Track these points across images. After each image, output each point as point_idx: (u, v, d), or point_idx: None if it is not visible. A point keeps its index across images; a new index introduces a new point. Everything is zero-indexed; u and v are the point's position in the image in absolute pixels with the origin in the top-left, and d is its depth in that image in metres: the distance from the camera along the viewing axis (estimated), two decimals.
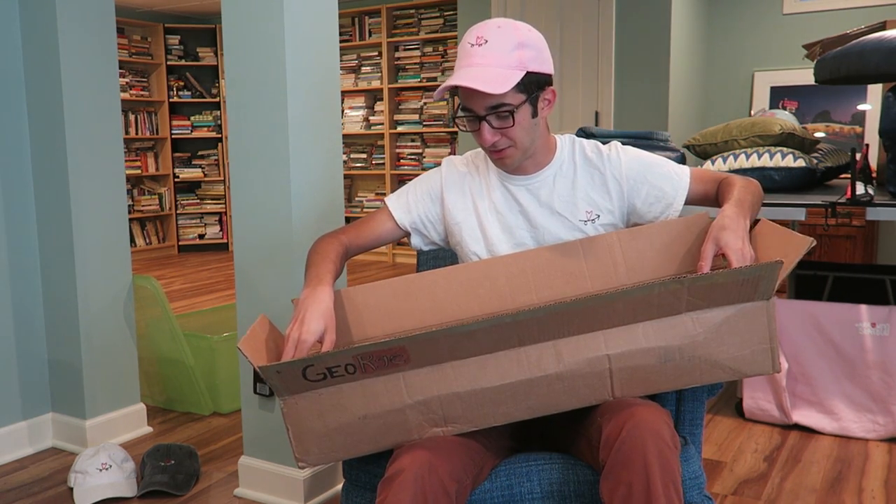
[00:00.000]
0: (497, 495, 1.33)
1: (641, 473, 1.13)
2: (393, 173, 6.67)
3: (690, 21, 4.97)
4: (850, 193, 2.43)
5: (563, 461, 1.34)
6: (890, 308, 2.56)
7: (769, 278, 1.15)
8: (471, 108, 1.38)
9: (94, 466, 2.22)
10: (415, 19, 6.46)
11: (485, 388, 1.20)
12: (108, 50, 2.61)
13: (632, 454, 1.14)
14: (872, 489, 2.24)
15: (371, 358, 1.14)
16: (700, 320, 1.18)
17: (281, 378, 1.16)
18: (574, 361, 1.19)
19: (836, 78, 2.62)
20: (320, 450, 1.23)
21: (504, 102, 1.36)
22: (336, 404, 1.20)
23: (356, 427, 1.21)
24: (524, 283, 1.42)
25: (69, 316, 2.57)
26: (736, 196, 1.38)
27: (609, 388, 1.21)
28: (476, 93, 1.35)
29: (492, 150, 1.43)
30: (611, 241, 1.42)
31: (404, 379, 1.19)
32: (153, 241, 7.16)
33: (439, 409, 1.21)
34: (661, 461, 1.14)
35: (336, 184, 2.21)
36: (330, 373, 1.16)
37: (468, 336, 1.15)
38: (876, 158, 3.33)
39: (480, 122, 1.38)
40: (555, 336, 1.18)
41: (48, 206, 2.57)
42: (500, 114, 1.37)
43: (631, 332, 1.18)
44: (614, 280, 1.41)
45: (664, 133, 3.05)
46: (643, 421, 1.16)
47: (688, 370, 1.21)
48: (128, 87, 6.90)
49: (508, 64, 1.34)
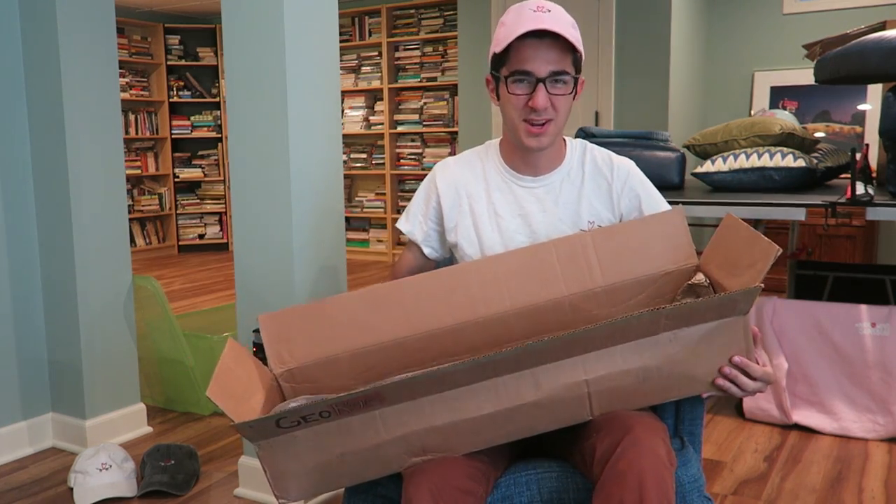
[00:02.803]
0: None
1: (635, 492, 1.12)
2: (393, 173, 6.67)
3: (690, 21, 4.97)
4: (850, 193, 2.42)
5: (562, 470, 1.33)
6: (890, 308, 2.56)
7: (748, 300, 1.15)
8: (531, 70, 1.37)
9: (94, 466, 2.22)
10: (415, 19, 6.46)
11: (463, 420, 1.18)
12: (108, 50, 2.61)
13: (627, 472, 1.13)
14: (872, 489, 2.24)
15: (345, 404, 1.12)
16: (678, 338, 1.17)
17: (254, 430, 1.14)
18: (552, 388, 1.17)
19: (836, 78, 2.62)
20: (300, 487, 1.21)
21: (565, 70, 1.38)
22: (312, 445, 1.17)
23: (334, 464, 1.20)
24: (497, 290, 1.38)
25: (69, 316, 2.57)
26: None
27: (588, 408, 1.21)
28: (543, 51, 1.35)
29: (533, 122, 1.40)
30: (585, 241, 1.39)
31: (381, 416, 1.17)
32: (153, 241, 7.16)
33: (417, 442, 1.19)
34: (656, 480, 1.13)
35: (336, 184, 2.21)
36: (304, 420, 1.14)
37: (444, 374, 1.13)
38: (876, 158, 3.33)
39: (537, 84, 1.37)
40: (532, 365, 1.16)
41: (48, 207, 2.57)
42: (559, 79, 1.38)
43: (609, 356, 1.17)
44: (590, 282, 1.38)
45: (664, 133, 3.05)
46: (639, 439, 1.15)
47: (666, 387, 1.21)
48: (128, 87, 6.90)
49: (572, 36, 1.38)
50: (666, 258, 1.38)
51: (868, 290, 3.10)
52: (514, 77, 1.39)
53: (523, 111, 1.40)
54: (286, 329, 1.39)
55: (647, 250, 1.38)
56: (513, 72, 1.39)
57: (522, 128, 1.42)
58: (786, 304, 2.70)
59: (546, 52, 1.36)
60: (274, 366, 1.39)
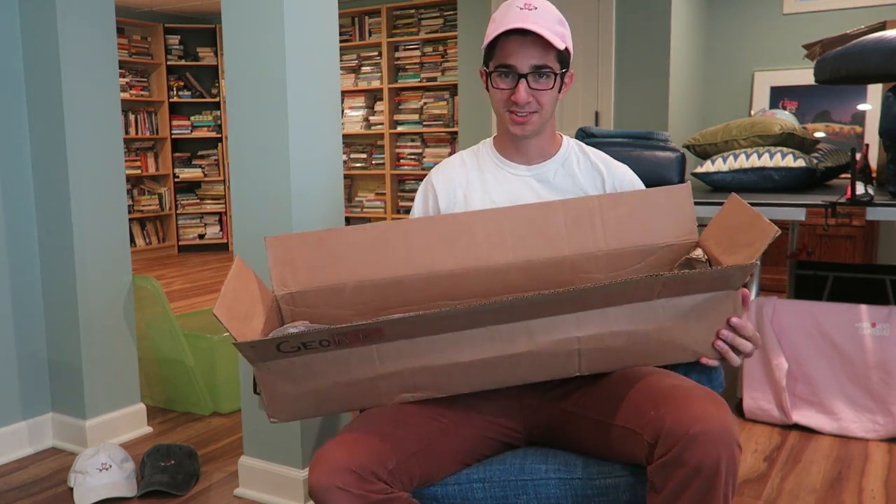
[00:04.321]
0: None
1: (712, 468, 1.10)
2: (393, 173, 6.67)
3: (690, 21, 4.97)
4: (850, 193, 2.43)
5: (560, 476, 1.32)
6: (890, 308, 2.56)
7: (742, 275, 1.18)
8: (513, 64, 1.42)
9: (94, 466, 2.22)
10: (415, 19, 6.46)
11: (457, 363, 1.21)
12: (108, 50, 2.61)
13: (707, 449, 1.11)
14: (872, 489, 2.24)
15: (345, 334, 1.15)
16: (670, 306, 1.21)
17: (255, 351, 1.18)
18: (544, 341, 1.21)
19: (836, 78, 2.62)
20: (292, 410, 1.26)
21: (548, 64, 1.42)
22: (308, 372, 1.21)
23: (329, 392, 1.23)
24: (501, 242, 1.41)
25: (69, 316, 2.57)
26: None
27: (576, 365, 1.24)
28: (525, 47, 1.40)
29: (517, 113, 1.45)
30: (592, 205, 1.41)
31: (377, 351, 1.20)
32: (153, 241, 7.16)
33: (411, 379, 1.23)
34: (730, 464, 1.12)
35: (336, 184, 2.21)
36: (304, 346, 1.17)
37: (444, 317, 1.16)
38: (876, 158, 3.33)
39: (519, 79, 1.42)
40: (527, 317, 1.20)
41: (48, 206, 2.57)
42: (541, 73, 1.42)
43: (603, 316, 1.20)
44: (592, 245, 1.40)
45: (664, 133, 3.04)
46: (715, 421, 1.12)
47: (653, 352, 1.25)
48: (128, 87, 6.90)
49: (556, 32, 1.41)
50: (668, 231, 1.42)
51: (868, 290, 3.10)
52: (498, 71, 1.44)
53: (507, 103, 1.46)
54: (291, 253, 1.42)
55: (651, 221, 1.41)
56: (497, 66, 1.44)
57: (507, 117, 1.47)
58: (786, 304, 2.70)
59: (529, 48, 1.40)
60: (276, 287, 1.42)
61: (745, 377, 2.74)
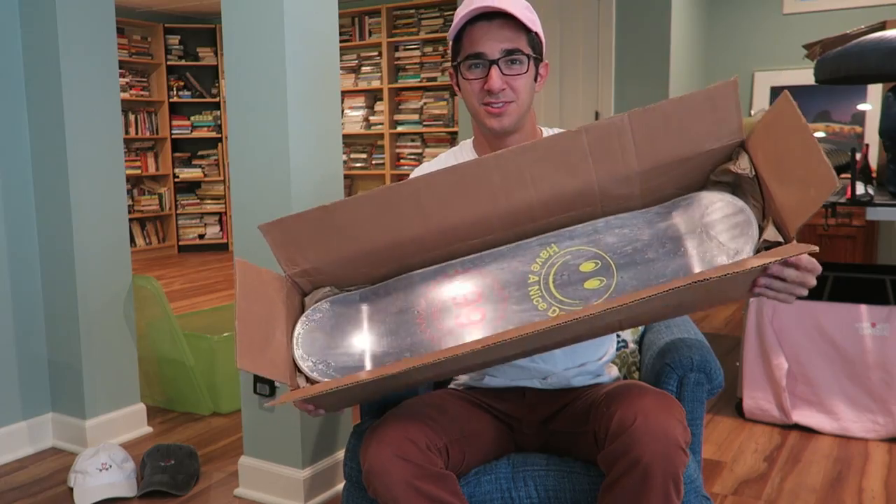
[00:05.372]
0: (496, 497, 1.34)
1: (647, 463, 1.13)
2: (393, 173, 6.67)
3: (690, 21, 4.97)
4: (850, 193, 2.43)
5: (560, 469, 1.35)
6: (890, 308, 2.56)
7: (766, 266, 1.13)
8: (482, 51, 1.35)
9: (94, 466, 2.22)
10: (415, 19, 6.46)
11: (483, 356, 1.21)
12: (108, 50, 2.61)
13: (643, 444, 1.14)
14: (872, 489, 2.24)
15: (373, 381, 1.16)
16: (698, 286, 1.10)
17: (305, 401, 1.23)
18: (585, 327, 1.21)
19: (836, 78, 2.62)
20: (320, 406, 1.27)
21: (519, 48, 1.36)
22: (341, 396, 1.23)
23: (361, 393, 1.27)
24: (519, 179, 1.27)
25: (69, 316, 2.57)
26: None
27: (618, 323, 1.25)
28: (493, 31, 1.34)
29: (492, 104, 1.37)
30: (621, 123, 1.23)
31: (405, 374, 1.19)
32: (153, 241, 7.16)
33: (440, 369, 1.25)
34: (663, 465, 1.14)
35: (336, 184, 2.21)
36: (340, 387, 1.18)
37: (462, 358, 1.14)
38: (876, 158, 3.34)
39: (490, 66, 1.35)
40: (545, 341, 1.19)
41: (48, 206, 2.57)
42: (514, 59, 1.36)
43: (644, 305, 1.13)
44: (623, 167, 1.25)
45: None
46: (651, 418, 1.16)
47: (697, 306, 1.30)
48: (128, 87, 6.90)
49: (525, 16, 1.36)
50: (709, 134, 1.24)
51: (868, 290, 3.09)
52: (468, 61, 1.37)
53: (480, 94, 1.38)
54: (291, 234, 1.34)
55: (692, 130, 1.24)
56: (466, 56, 1.37)
57: (482, 111, 1.39)
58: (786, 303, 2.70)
59: (497, 31, 1.34)
60: (287, 268, 1.36)
61: (745, 377, 2.74)
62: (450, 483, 1.22)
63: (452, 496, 1.21)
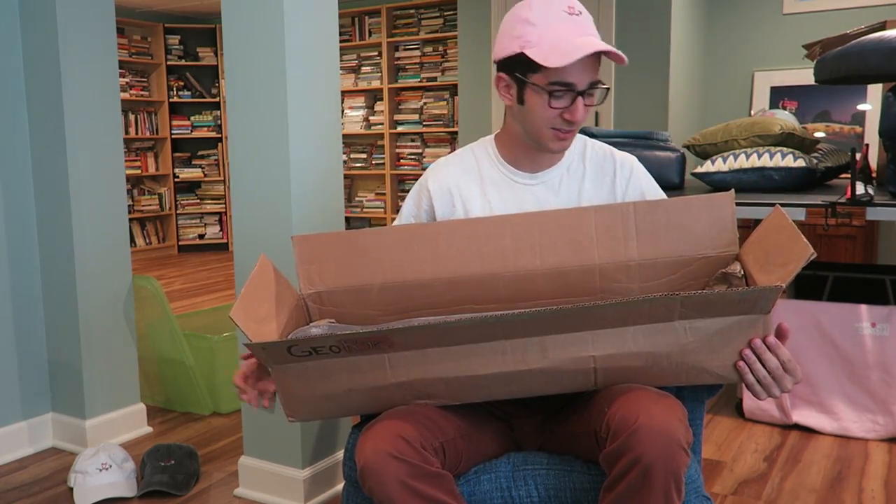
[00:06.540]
0: (496, 496, 1.34)
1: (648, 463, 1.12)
2: (393, 173, 6.67)
3: (690, 21, 4.97)
4: (850, 193, 2.43)
5: (561, 467, 1.34)
6: (890, 308, 2.56)
7: (768, 298, 1.13)
8: (572, 81, 1.33)
9: (94, 466, 2.22)
10: (415, 19, 6.46)
11: (467, 376, 1.20)
12: (108, 50, 2.61)
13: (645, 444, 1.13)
14: (872, 489, 2.24)
15: (354, 342, 1.15)
16: (693, 329, 1.16)
17: (266, 353, 1.18)
18: (559, 358, 1.18)
19: (836, 78, 2.62)
20: (308, 411, 1.26)
21: (600, 79, 1.36)
22: (322, 376, 1.21)
23: (342, 397, 1.23)
24: (529, 246, 1.37)
25: (69, 316, 2.57)
26: None
27: (592, 381, 1.22)
28: (588, 64, 1.32)
29: (563, 130, 1.38)
30: (626, 211, 1.35)
31: (388, 360, 1.19)
32: (153, 241, 7.16)
33: (423, 388, 1.23)
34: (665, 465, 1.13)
35: (336, 184, 2.21)
36: (315, 350, 1.17)
37: (453, 328, 1.15)
38: (876, 158, 3.34)
39: (576, 97, 1.34)
40: (541, 333, 1.17)
41: (48, 206, 2.57)
42: (596, 90, 1.37)
43: (620, 336, 1.16)
44: (624, 254, 1.35)
45: (664, 133, 3.05)
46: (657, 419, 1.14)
47: (673, 373, 1.20)
48: (128, 87, 6.90)
49: (609, 46, 1.34)
50: (707, 242, 1.35)
51: (868, 290, 3.10)
52: (554, 86, 1.34)
53: (554, 121, 1.37)
54: (318, 252, 1.42)
55: (690, 231, 1.35)
56: (553, 83, 1.33)
57: (550, 135, 1.39)
58: (786, 304, 2.70)
59: (590, 63, 1.34)
60: (303, 286, 1.42)
61: None
62: (446, 482, 1.22)
63: (448, 496, 1.21)
